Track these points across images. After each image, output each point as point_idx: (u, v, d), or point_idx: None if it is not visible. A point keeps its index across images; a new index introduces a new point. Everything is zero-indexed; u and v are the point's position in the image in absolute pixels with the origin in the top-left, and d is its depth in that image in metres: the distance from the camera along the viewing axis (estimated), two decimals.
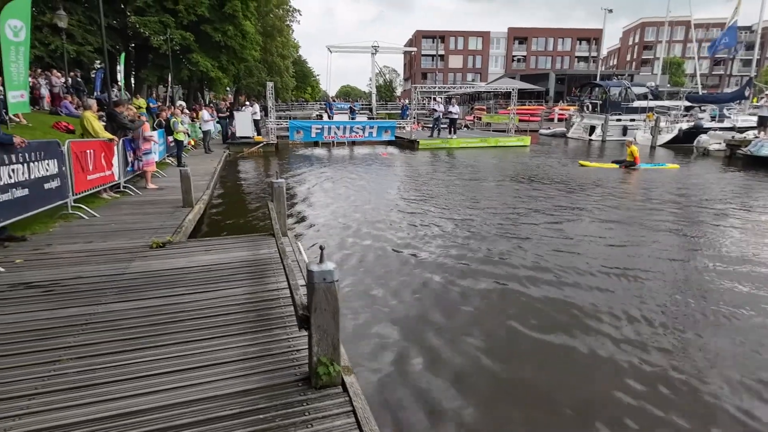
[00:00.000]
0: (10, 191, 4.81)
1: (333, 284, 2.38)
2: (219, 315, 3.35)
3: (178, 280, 4.04)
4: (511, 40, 74.60)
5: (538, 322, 4.37)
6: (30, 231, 5.47)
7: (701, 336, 4.09)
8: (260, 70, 38.22)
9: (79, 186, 6.74)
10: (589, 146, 24.78)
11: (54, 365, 2.68)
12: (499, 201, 9.80)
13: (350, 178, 13.25)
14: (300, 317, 2.44)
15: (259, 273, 4.25)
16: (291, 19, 45.39)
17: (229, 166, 15.91)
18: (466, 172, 14.35)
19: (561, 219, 8.25)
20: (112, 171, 8.19)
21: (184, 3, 23.08)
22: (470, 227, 7.67)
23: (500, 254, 6.27)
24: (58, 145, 6.12)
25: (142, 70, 25.79)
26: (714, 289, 5.10)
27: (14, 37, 11.30)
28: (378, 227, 7.68)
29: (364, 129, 21.39)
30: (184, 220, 6.38)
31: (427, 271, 5.66)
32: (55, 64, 20.13)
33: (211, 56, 25.23)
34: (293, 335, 3.06)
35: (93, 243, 5.18)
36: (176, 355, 2.80)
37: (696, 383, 3.40)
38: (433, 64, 73.81)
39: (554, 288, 5.13)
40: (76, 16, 20.98)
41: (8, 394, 2.41)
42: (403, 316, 4.49)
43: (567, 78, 53.97)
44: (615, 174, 13.99)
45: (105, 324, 3.22)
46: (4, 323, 3.17)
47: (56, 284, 3.92)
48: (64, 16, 15.57)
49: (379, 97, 58.83)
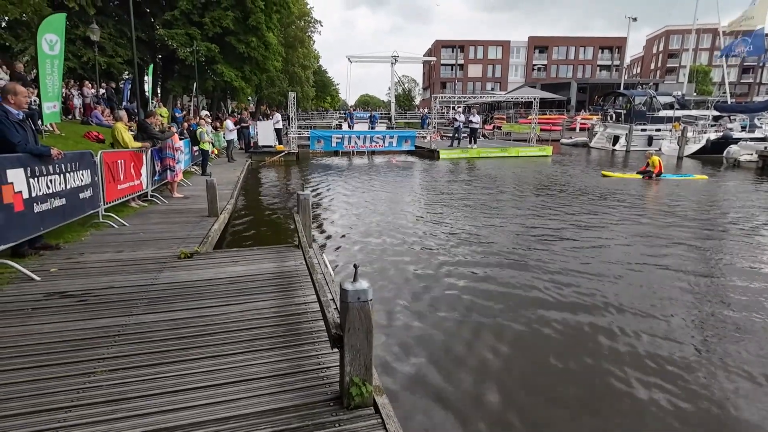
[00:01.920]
0: (49, 201, 4.96)
1: (367, 303, 2.35)
2: (248, 329, 3.35)
3: (206, 292, 4.07)
4: (532, 49, 74.17)
5: (563, 338, 4.25)
6: (63, 240, 5.61)
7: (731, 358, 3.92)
8: (282, 80, 38.84)
9: (110, 195, 6.91)
10: (612, 156, 24.33)
11: (89, 377, 2.71)
12: (522, 212, 9.66)
13: (370, 188, 13.28)
14: (333, 336, 2.41)
15: (286, 286, 4.25)
16: (312, 30, 46.11)
17: (251, 175, 16.15)
18: (488, 182, 14.23)
19: (584, 233, 8.07)
20: (140, 180, 8.38)
21: (210, 16, 23.68)
22: (492, 241, 7.57)
23: (524, 268, 6.16)
24: (91, 155, 6.29)
25: (168, 81, 26.50)
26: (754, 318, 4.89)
27: (50, 50, 11.77)
28: (398, 240, 7.65)
29: (384, 139, 21.47)
30: (210, 230, 6.46)
31: (450, 286, 5.61)
32: (87, 75, 20.86)
33: (234, 67, 25.75)
34: (322, 352, 3.04)
35: (123, 252, 5.29)
36: (207, 370, 2.80)
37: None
38: (453, 73, 73.90)
39: (580, 305, 4.99)
40: (107, 29, 21.72)
41: (46, 406, 2.44)
42: (429, 334, 4.43)
43: (589, 87, 53.32)
44: (638, 185, 13.68)
45: (136, 336, 3.25)
46: (42, 333, 3.24)
47: (89, 294, 4.00)
48: (96, 29, 16.15)
49: (397, 106, 59.12)
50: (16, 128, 4.64)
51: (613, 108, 30.32)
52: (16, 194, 4.46)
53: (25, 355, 2.93)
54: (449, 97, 33.36)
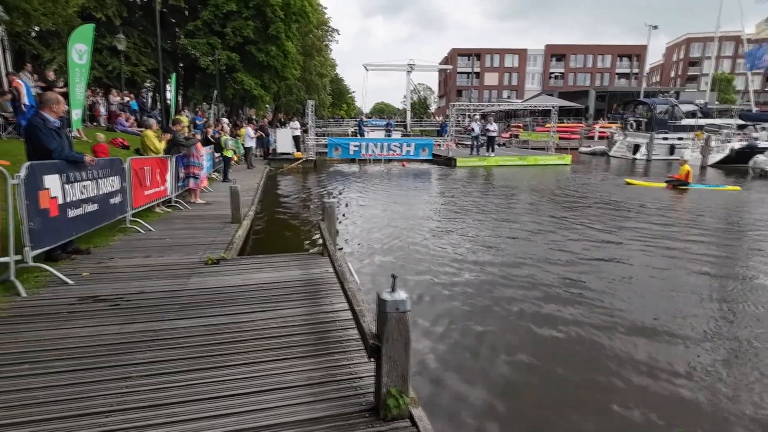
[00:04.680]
0: (82, 206, 5.08)
1: (405, 314, 2.34)
2: (279, 336, 3.36)
3: (235, 299, 4.10)
4: (549, 57, 73.81)
5: (583, 349, 4.16)
6: (93, 244, 5.72)
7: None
8: (299, 89, 39.32)
9: (137, 201, 7.04)
10: (633, 165, 23.96)
11: (126, 382, 2.74)
12: (543, 221, 9.55)
13: (387, 195, 13.30)
14: (371, 347, 2.40)
15: (314, 293, 4.26)
16: (330, 39, 46.68)
17: (270, 181, 16.31)
18: (507, 191, 14.12)
19: (611, 246, 7.92)
20: (165, 186, 8.53)
21: (231, 25, 24.18)
22: (514, 249, 7.49)
23: (547, 281, 6.07)
24: (120, 162, 6.43)
25: (189, 89, 27.06)
26: None
27: (79, 60, 12.13)
28: (416, 248, 7.62)
29: (402, 147, 21.52)
30: (235, 237, 6.52)
31: (469, 295, 5.56)
32: (112, 83, 21.44)
33: (254, 75, 26.21)
34: (354, 361, 3.02)
35: (151, 258, 5.37)
36: (241, 377, 2.80)
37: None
38: (469, 81, 73.92)
39: (602, 323, 4.89)
40: (132, 39, 22.33)
41: (87, 410, 2.47)
42: (451, 344, 4.39)
43: (608, 95, 52.74)
44: (666, 194, 13.40)
45: (170, 341, 3.28)
46: (79, 336, 3.29)
47: (121, 299, 4.06)
48: (123, 39, 16.62)
49: (413, 114, 59.26)
50: (53, 135, 4.77)
51: (634, 116, 29.90)
52: (52, 199, 4.58)
53: (64, 359, 2.98)
54: (465, 105, 33.28)
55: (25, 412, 2.41)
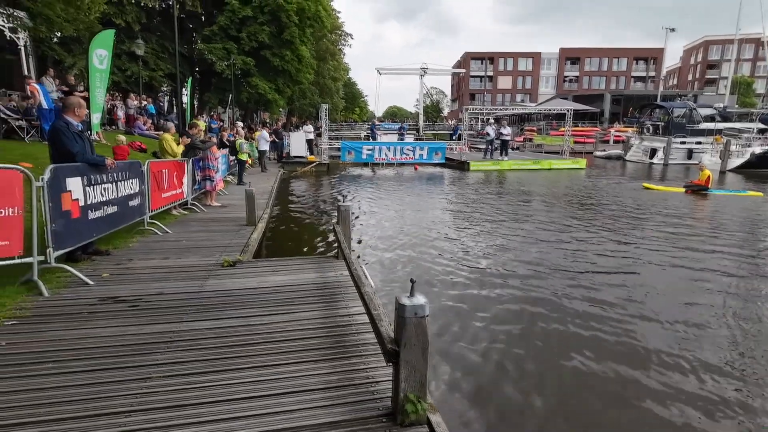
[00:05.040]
0: (102, 208, 5.17)
1: (424, 319, 2.32)
2: (295, 339, 3.37)
3: (251, 301, 4.13)
4: (563, 61, 73.20)
5: (594, 354, 4.09)
6: (112, 246, 5.82)
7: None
8: (312, 92, 39.63)
9: (154, 203, 7.14)
10: (649, 170, 23.58)
11: (146, 382, 2.77)
12: (558, 226, 9.44)
13: (400, 199, 13.29)
14: (389, 351, 2.39)
15: (329, 296, 4.27)
16: (343, 43, 46.97)
17: (284, 184, 16.43)
18: (521, 195, 14.00)
19: (627, 252, 7.79)
20: (182, 189, 8.65)
21: (247, 30, 24.49)
22: (527, 255, 7.41)
23: (560, 287, 5.99)
24: (139, 165, 6.54)
25: (205, 94, 27.45)
26: None
27: (99, 64, 12.39)
28: (429, 252, 7.60)
29: (415, 150, 21.51)
30: (250, 239, 6.58)
31: (484, 301, 5.51)
32: (130, 87, 21.86)
33: (268, 79, 26.48)
34: (371, 365, 3.01)
35: (169, 259, 5.44)
36: (259, 380, 2.81)
37: None
38: (482, 85, 73.68)
39: (622, 337, 4.80)
40: (150, 44, 22.75)
41: (107, 409, 2.50)
42: (466, 348, 4.35)
43: (623, 99, 52.06)
44: (685, 199, 13.15)
45: (188, 342, 3.31)
46: (99, 336, 3.35)
47: (140, 300, 4.11)
48: (141, 44, 16.94)
49: (426, 117, 59.24)
50: (76, 139, 4.87)
51: (650, 120, 29.45)
52: (74, 202, 4.67)
53: (85, 358, 3.03)
54: (479, 109, 33.15)
55: (48, 411, 2.45)
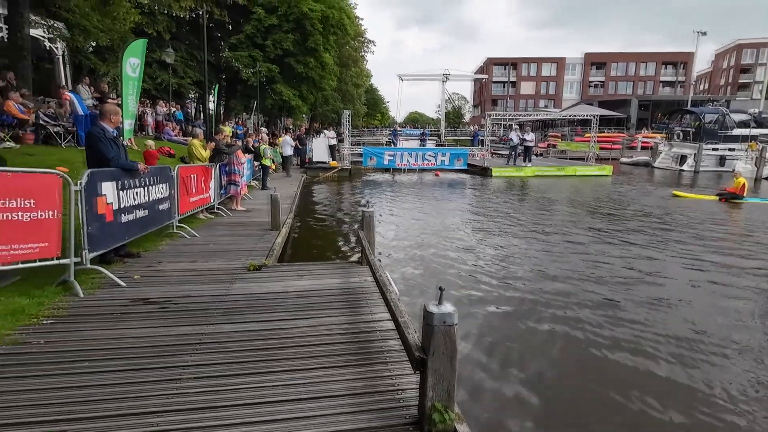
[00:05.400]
0: (134, 212, 5.33)
1: (452, 328, 2.30)
2: (320, 344, 3.39)
3: (277, 305, 4.18)
4: (588, 66, 72.03)
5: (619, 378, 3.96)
6: (143, 248, 5.98)
7: None
8: (335, 99, 40.03)
9: (183, 207, 7.32)
10: (679, 177, 22.89)
11: (176, 383, 2.82)
12: (582, 236, 9.24)
13: (421, 205, 13.26)
14: (416, 359, 2.38)
15: (353, 302, 4.28)
16: (366, 50, 47.34)
17: (307, 189, 16.61)
18: (544, 202, 13.78)
19: (655, 263, 7.57)
20: (209, 194, 8.84)
21: (272, 38, 24.97)
22: (550, 264, 7.27)
23: (584, 299, 5.85)
24: (169, 170, 6.72)
25: (231, 100, 28.05)
26: None
27: (132, 73, 12.79)
28: (449, 259, 7.55)
29: (437, 156, 21.45)
30: (274, 244, 6.66)
31: (505, 310, 5.43)
32: (159, 94, 22.53)
33: (292, 86, 26.89)
34: (396, 373, 3.00)
35: (197, 262, 5.56)
36: (285, 384, 2.84)
37: None
38: (504, 90, 73.12)
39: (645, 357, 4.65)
40: (180, 53, 23.42)
41: (139, 409, 2.56)
42: (493, 359, 4.29)
43: (651, 104, 50.88)
44: (718, 208, 12.70)
45: (215, 345, 3.37)
46: (131, 337, 3.44)
47: (169, 301, 4.21)
48: (171, 53, 17.47)
49: (447, 123, 59.13)
50: (111, 145, 5.05)
51: (680, 126, 28.64)
52: (108, 205, 4.83)
53: (118, 358, 3.11)
54: (501, 115, 32.86)
55: (84, 408, 2.52)
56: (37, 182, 4.05)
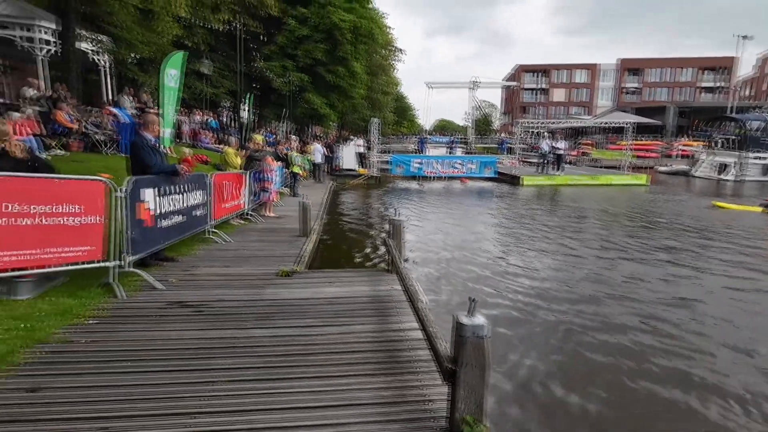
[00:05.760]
0: (172, 218, 5.54)
1: (483, 339, 2.29)
2: (349, 352, 3.41)
3: (307, 311, 4.24)
4: (623, 72, 70.09)
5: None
6: (179, 253, 6.19)
7: None
8: (364, 107, 40.41)
9: (217, 213, 7.54)
10: (719, 187, 21.89)
11: (210, 386, 2.90)
12: (616, 248, 8.96)
13: (449, 213, 13.17)
14: (446, 370, 2.37)
15: (382, 310, 4.29)
16: (395, 59, 47.66)
17: (335, 196, 16.80)
18: (576, 212, 13.44)
19: (694, 278, 7.25)
20: (241, 200, 9.07)
21: (303, 48, 25.51)
22: (581, 277, 7.07)
23: (618, 315, 5.66)
24: (205, 177, 6.95)
25: (263, 109, 28.77)
26: None
27: (171, 83, 13.34)
28: (476, 269, 7.47)
29: (465, 164, 21.30)
30: (304, 250, 6.76)
31: (533, 324, 5.31)
32: (195, 104, 23.35)
33: (322, 95, 27.34)
34: (425, 383, 2.99)
35: (230, 267, 5.71)
36: (314, 390, 2.87)
37: None
38: (535, 97, 72.07)
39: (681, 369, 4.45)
40: (216, 63, 24.24)
41: (175, 410, 2.64)
42: (519, 372, 4.20)
43: (690, 111, 48.93)
44: (762, 220, 12.07)
45: (248, 349, 3.45)
46: (168, 339, 3.56)
47: (204, 305, 4.34)
48: (208, 64, 18.11)
49: (476, 131, 58.66)
50: (152, 152, 5.28)
51: (721, 133, 27.45)
52: (148, 211, 5.03)
53: (155, 359, 3.23)
54: (531, 122, 32.34)
55: (125, 407, 2.63)
56: (85, 189, 4.28)
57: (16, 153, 4.39)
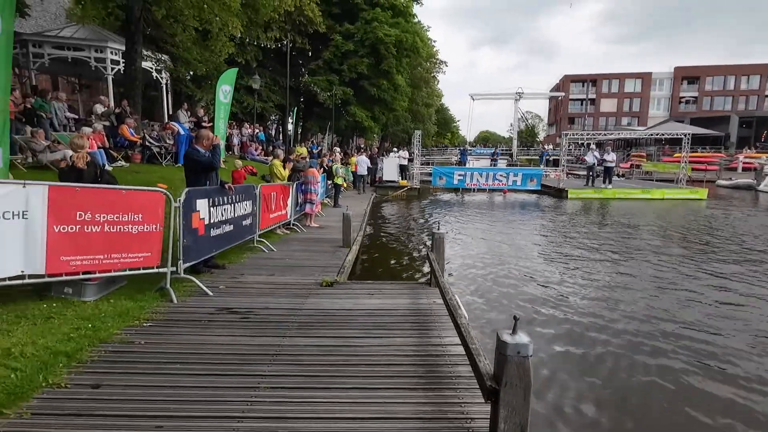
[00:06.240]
0: (222, 227, 5.82)
1: (527, 359, 2.24)
2: (389, 364, 3.43)
3: (347, 322, 4.30)
4: (679, 81, 66.61)
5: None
6: (227, 261, 6.47)
7: None
8: (406, 119, 40.74)
9: (263, 223, 7.83)
10: None
11: (254, 391, 3.01)
12: (671, 268, 8.45)
13: (490, 226, 12.94)
14: (488, 389, 2.33)
15: (422, 324, 4.29)
16: (438, 71, 47.87)
17: (376, 208, 16.95)
18: (626, 228, 12.82)
19: (762, 302, 6.71)
20: (286, 211, 9.36)
21: (348, 63, 26.16)
22: (632, 300, 6.69)
23: (672, 343, 5.31)
24: (253, 188, 7.25)
25: (308, 122, 29.65)
26: None
27: (224, 99, 14.04)
28: (518, 286, 7.26)
29: (508, 176, 20.91)
30: (346, 261, 6.87)
31: (578, 349, 5.08)
32: (244, 117, 24.43)
33: (365, 108, 27.86)
34: (465, 400, 2.95)
35: (275, 276, 5.90)
36: (353, 401, 2.90)
37: None
38: (583, 108, 69.81)
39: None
40: (264, 78, 25.31)
41: (220, 413, 2.75)
42: (564, 396, 4.04)
43: (755, 121, 45.72)
44: None
45: (290, 357, 3.54)
46: (216, 344, 3.72)
47: (250, 312, 4.51)
48: (258, 80, 18.91)
49: (520, 142, 57.55)
50: (203, 157, 5.59)
51: None
52: (201, 220, 5.32)
53: (204, 363, 3.38)
54: (579, 134, 31.32)
55: (176, 408, 2.77)
56: (146, 199, 4.59)
57: (78, 164, 4.81)
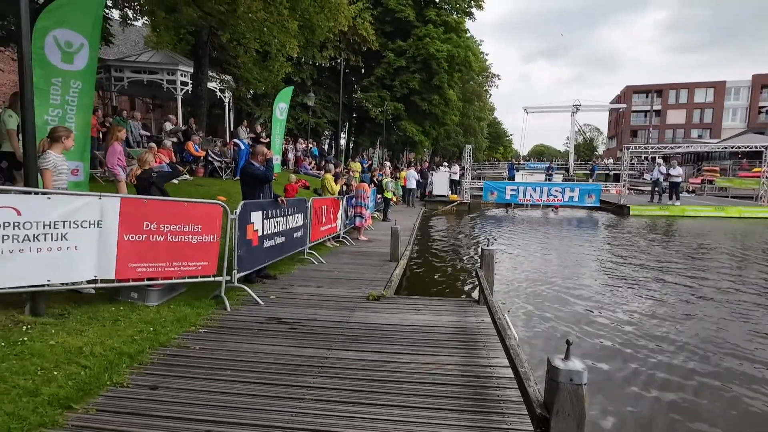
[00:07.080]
0: (274, 239, 6.02)
1: (581, 387, 2.10)
2: (434, 384, 3.35)
3: (392, 337, 4.27)
4: (758, 89, 61.32)
5: None
6: (279, 271, 6.67)
7: None
8: (457, 133, 40.49)
9: (313, 236, 8.02)
10: None
11: (299, 402, 3.04)
12: (749, 296, 7.68)
13: (544, 244, 12.44)
14: (537, 417, 2.21)
15: (469, 343, 4.17)
16: (490, 84, 47.35)
17: (425, 222, 16.86)
18: (696, 249, 11.84)
19: None
20: (336, 224, 9.54)
21: (399, 79, 26.54)
22: (703, 331, 6.07)
23: (747, 384, 4.77)
24: (305, 202, 7.47)
25: (360, 136, 30.28)
26: None
27: (280, 116, 14.66)
28: (573, 306, 6.88)
29: (564, 192, 20.09)
30: (393, 275, 6.86)
31: (641, 381, 4.69)
32: (299, 133, 25.38)
33: (416, 122, 28.03)
34: (513, 426, 2.81)
35: (323, 288, 6.00)
36: (399, 419, 2.85)
37: None
38: (646, 120, 65.92)
39: None
40: (318, 95, 26.24)
41: (267, 422, 2.80)
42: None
43: None
44: None
45: (335, 370, 3.56)
46: (265, 353, 3.82)
47: (298, 323, 4.60)
48: (313, 97, 19.65)
49: (577, 156, 55.26)
50: (258, 170, 5.85)
51: None
52: (255, 232, 5.54)
53: (253, 371, 3.48)
54: (642, 147, 29.53)
55: (225, 414, 2.85)
56: (206, 211, 4.85)
57: (130, 179, 5.23)
